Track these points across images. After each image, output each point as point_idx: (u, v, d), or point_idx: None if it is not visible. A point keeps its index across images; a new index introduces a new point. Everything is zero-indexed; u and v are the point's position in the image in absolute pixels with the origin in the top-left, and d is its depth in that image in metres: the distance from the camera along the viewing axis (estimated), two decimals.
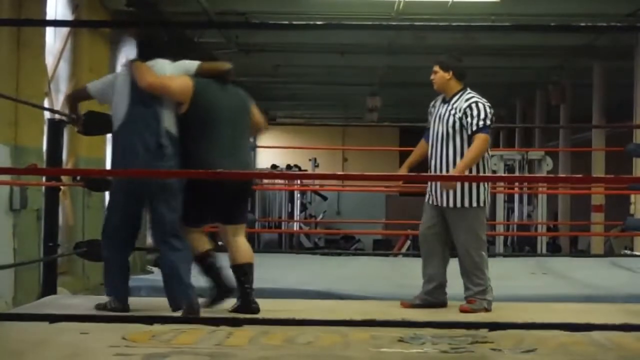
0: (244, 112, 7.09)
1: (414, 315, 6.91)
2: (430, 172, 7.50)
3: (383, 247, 22.88)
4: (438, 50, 18.68)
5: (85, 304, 7.27)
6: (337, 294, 8.16)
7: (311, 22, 12.94)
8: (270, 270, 9.60)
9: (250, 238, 23.63)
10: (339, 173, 6.92)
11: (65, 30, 13.21)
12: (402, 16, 15.23)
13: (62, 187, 9.86)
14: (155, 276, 8.63)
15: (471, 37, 17.03)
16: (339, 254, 15.02)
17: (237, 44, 18.51)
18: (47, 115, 10.89)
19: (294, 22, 12.82)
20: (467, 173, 7.14)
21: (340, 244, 24.05)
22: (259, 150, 30.81)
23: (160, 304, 6.83)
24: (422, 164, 7.59)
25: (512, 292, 8.16)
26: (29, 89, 11.06)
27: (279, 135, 30.76)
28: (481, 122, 7.20)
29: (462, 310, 7.17)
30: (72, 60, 13.60)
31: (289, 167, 25.23)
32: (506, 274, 9.45)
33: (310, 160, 27.59)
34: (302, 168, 25.97)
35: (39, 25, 11.50)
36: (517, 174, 17.42)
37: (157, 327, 5.73)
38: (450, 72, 7.43)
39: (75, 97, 7.42)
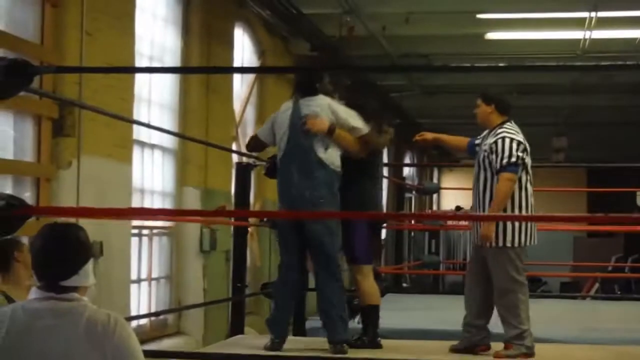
0: None
1: None
2: (472, 206, 7.31)
3: (571, 289, 22.39)
4: (625, 88, 18.36)
5: None
6: None
7: (493, 64, 12.84)
8: (454, 313, 9.52)
9: (435, 279, 23.59)
10: (523, 215, 6.80)
11: (251, 76, 13.55)
12: (588, 54, 14.91)
13: (249, 229, 10.10)
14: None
15: None
16: None
17: (419, 86, 18.56)
18: (235, 158, 11.18)
19: (476, 65, 12.77)
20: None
21: None
22: (443, 192, 30.71)
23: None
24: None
25: None
26: (218, 133, 11.38)
27: (463, 177, 30.56)
28: (505, 160, 6.86)
29: (496, 357, 6.86)
30: (258, 105, 13.92)
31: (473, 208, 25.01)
32: None
33: None
34: None
35: (227, 72, 11.85)
36: None
37: None
38: (493, 105, 7.16)
39: (253, 147, 7.63)
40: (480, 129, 7.41)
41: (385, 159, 8.59)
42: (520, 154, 6.91)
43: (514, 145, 6.93)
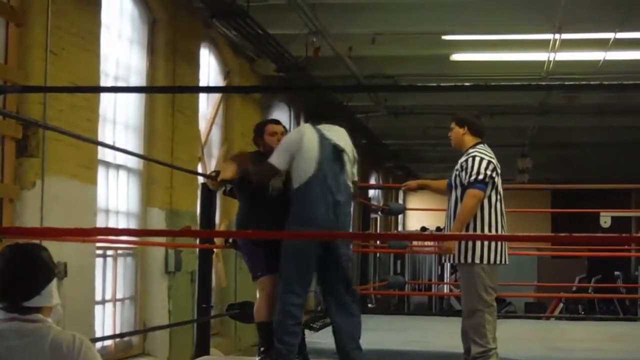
0: None
1: None
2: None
3: (535, 309, 22.46)
4: (589, 109, 18.51)
5: None
6: None
7: (459, 84, 12.92)
8: (420, 333, 9.53)
9: (401, 300, 23.58)
10: (487, 234, 6.87)
11: (217, 96, 13.53)
12: (552, 76, 15.02)
13: (215, 250, 10.04)
14: (317, 337, 8.72)
15: (624, 96, 16.69)
16: None
17: (386, 107, 18.59)
18: (200, 179, 11.14)
19: (442, 85, 12.83)
20: (464, 230, 6.91)
21: None
22: (408, 212, 30.76)
23: None
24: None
25: None
26: (184, 154, 11.35)
27: (428, 198, 30.65)
28: (472, 177, 6.94)
29: None
30: (223, 126, 13.90)
31: (438, 229, 25.10)
32: None
33: None
34: None
35: (193, 91, 11.83)
36: None
37: None
38: (465, 127, 7.25)
39: (267, 179, 7.05)
40: (452, 152, 7.47)
41: None
42: (488, 172, 6.98)
43: (484, 164, 7.00)
